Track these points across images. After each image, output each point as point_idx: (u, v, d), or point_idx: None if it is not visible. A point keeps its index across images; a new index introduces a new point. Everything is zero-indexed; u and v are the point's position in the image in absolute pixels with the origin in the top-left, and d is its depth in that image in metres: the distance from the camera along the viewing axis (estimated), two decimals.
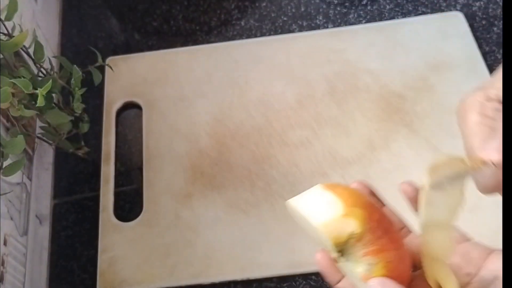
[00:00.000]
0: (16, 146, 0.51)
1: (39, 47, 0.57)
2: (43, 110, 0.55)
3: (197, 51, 0.74)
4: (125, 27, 0.79)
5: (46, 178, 0.66)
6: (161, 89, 0.71)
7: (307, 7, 0.78)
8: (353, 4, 0.78)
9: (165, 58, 0.74)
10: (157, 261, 0.60)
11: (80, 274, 0.62)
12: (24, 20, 0.64)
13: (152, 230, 0.62)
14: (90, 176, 0.67)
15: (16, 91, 0.50)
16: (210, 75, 0.72)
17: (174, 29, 0.78)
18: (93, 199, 0.65)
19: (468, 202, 0.64)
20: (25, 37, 0.52)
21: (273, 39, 0.75)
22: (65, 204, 0.66)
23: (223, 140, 0.67)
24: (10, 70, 0.54)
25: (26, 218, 0.59)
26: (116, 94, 0.71)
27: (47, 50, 0.64)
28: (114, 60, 0.73)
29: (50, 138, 0.61)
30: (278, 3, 0.79)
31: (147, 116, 0.70)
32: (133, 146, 0.69)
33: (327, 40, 0.74)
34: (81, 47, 0.76)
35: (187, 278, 0.59)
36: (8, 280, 0.52)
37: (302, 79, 0.71)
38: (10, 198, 0.55)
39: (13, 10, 0.53)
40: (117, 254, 0.61)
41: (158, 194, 0.64)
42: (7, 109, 0.51)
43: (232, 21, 0.78)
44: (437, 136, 0.66)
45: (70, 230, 0.64)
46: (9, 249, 0.54)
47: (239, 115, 0.69)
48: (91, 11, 0.80)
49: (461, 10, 0.75)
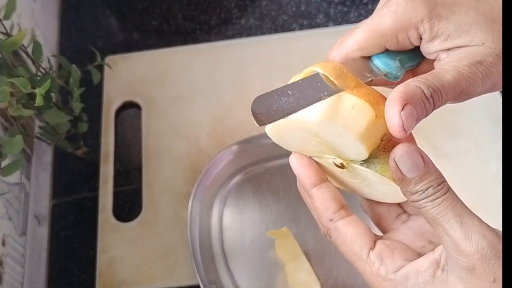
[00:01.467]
0: (15, 146, 0.50)
1: (37, 46, 0.57)
2: (42, 109, 0.55)
3: (197, 50, 0.74)
4: (124, 26, 0.78)
5: (45, 178, 0.66)
6: (160, 88, 0.71)
7: (308, 6, 0.78)
8: (354, 3, 0.77)
9: (165, 57, 0.74)
10: (157, 261, 0.60)
11: (79, 274, 0.61)
12: (23, 19, 0.64)
13: (151, 230, 0.62)
14: (89, 176, 0.67)
15: (14, 91, 0.50)
16: (210, 74, 0.72)
17: (174, 28, 0.77)
18: (92, 199, 0.65)
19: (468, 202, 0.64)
20: (23, 36, 0.51)
21: (273, 38, 0.74)
22: (64, 204, 0.65)
23: (223, 140, 0.66)
24: (8, 69, 0.53)
25: (25, 219, 0.59)
26: (115, 94, 0.71)
27: (45, 49, 0.64)
28: (113, 59, 0.73)
29: (49, 137, 0.61)
30: (279, 2, 0.78)
31: (146, 115, 0.69)
32: (132, 146, 0.68)
33: (327, 39, 0.74)
34: (80, 46, 0.76)
35: (187, 278, 0.59)
36: (6, 281, 0.52)
37: None
38: (9, 198, 0.55)
39: (12, 9, 0.53)
40: (116, 254, 0.60)
41: (158, 194, 0.64)
42: (6, 108, 0.51)
43: (232, 20, 0.77)
44: (437, 136, 0.65)
45: (69, 230, 0.64)
46: (7, 250, 0.53)
47: (239, 115, 0.68)
48: (90, 10, 0.80)
49: None
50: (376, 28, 0.31)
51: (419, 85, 0.29)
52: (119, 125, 0.70)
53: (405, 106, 0.28)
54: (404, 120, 0.28)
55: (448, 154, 0.64)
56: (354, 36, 0.32)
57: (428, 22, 0.30)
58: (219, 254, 0.59)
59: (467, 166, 0.64)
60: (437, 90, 0.29)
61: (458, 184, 0.63)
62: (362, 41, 0.31)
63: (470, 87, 0.30)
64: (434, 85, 0.29)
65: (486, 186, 0.62)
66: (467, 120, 0.66)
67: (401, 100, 0.28)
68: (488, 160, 0.64)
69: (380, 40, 0.31)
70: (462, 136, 0.65)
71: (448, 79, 0.29)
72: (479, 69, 0.30)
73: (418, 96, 0.28)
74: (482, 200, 0.62)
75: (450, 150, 0.65)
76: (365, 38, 0.31)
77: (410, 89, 0.28)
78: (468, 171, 0.63)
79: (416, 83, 0.29)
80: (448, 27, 0.30)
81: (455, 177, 0.63)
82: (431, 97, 0.29)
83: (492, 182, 0.62)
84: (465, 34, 0.30)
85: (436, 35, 0.30)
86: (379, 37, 0.31)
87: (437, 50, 0.31)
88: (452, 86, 0.29)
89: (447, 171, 0.66)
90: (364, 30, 0.31)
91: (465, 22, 0.30)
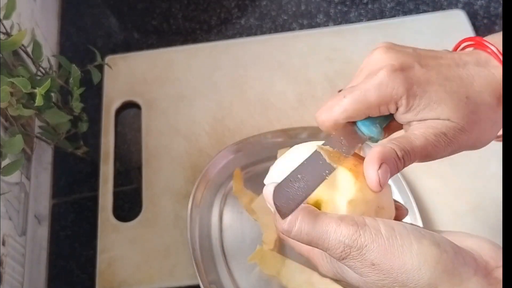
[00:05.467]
0: (15, 146, 0.50)
1: (37, 46, 0.57)
2: (42, 109, 0.55)
3: (197, 50, 0.74)
4: (124, 26, 0.78)
5: (45, 178, 0.66)
6: (160, 88, 0.71)
7: (308, 6, 0.78)
8: (354, 2, 0.77)
9: (165, 57, 0.74)
10: (157, 261, 0.60)
11: (79, 274, 0.61)
12: (23, 19, 0.64)
13: (151, 230, 0.62)
14: (89, 176, 0.66)
15: (14, 90, 0.50)
16: (210, 74, 0.72)
17: (174, 28, 0.77)
18: (92, 199, 0.65)
19: (468, 202, 0.64)
20: (23, 36, 0.51)
21: (273, 38, 0.74)
22: (64, 204, 0.65)
23: (223, 139, 0.66)
24: (8, 69, 0.53)
25: (25, 218, 0.59)
26: (115, 93, 0.71)
27: (45, 49, 0.64)
28: (113, 59, 0.73)
29: (49, 137, 0.61)
30: (279, 2, 0.78)
31: (146, 115, 0.69)
32: (132, 146, 0.68)
33: (327, 38, 0.74)
34: (80, 46, 0.76)
35: (187, 278, 0.59)
36: (6, 281, 0.52)
37: (303, 78, 0.71)
38: (9, 198, 0.55)
39: (12, 9, 0.53)
40: (116, 254, 0.60)
41: (158, 194, 0.64)
42: (6, 108, 0.51)
43: (232, 20, 0.77)
44: None
45: (69, 230, 0.64)
46: (7, 249, 0.53)
47: (239, 115, 0.68)
48: (90, 10, 0.80)
49: (463, 8, 0.75)
50: (362, 101, 0.36)
51: (394, 148, 0.35)
52: (119, 125, 0.70)
53: (381, 165, 0.34)
54: (381, 177, 0.34)
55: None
56: (343, 106, 0.37)
57: (406, 99, 0.36)
58: (219, 254, 0.59)
59: (467, 166, 0.64)
60: (407, 152, 0.35)
61: (458, 184, 0.63)
62: (350, 110, 0.37)
63: (433, 152, 0.36)
64: (405, 148, 0.35)
65: (486, 186, 0.62)
66: None
67: (378, 160, 0.34)
68: (488, 160, 0.64)
69: (365, 111, 0.37)
70: None
71: (418, 144, 0.35)
72: (443, 139, 0.36)
73: (392, 157, 0.34)
74: (482, 200, 0.62)
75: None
76: (352, 109, 0.37)
77: (386, 150, 0.34)
78: (468, 171, 0.63)
79: (391, 145, 0.35)
80: (420, 103, 0.36)
81: (455, 177, 0.63)
82: (403, 158, 0.35)
83: (492, 182, 0.62)
84: (434, 111, 0.36)
85: (411, 109, 0.36)
86: (365, 108, 0.37)
87: (410, 120, 0.37)
88: (419, 150, 0.36)
89: (447, 171, 0.67)
90: (352, 102, 0.37)
91: (434, 100, 0.36)
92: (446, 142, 0.36)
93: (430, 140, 0.36)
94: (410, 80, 0.36)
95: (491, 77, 0.37)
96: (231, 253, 0.60)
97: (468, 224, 0.61)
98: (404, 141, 0.35)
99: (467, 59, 0.38)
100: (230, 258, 0.59)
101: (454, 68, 0.37)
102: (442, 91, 0.36)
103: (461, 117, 0.36)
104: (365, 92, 0.36)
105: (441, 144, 0.36)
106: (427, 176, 0.63)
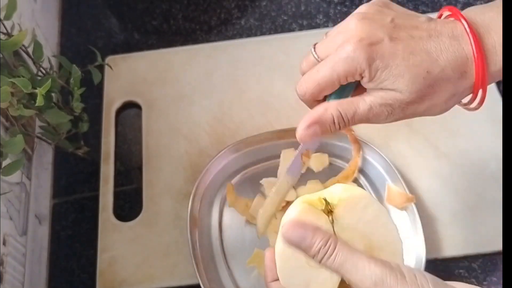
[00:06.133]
0: (15, 146, 0.50)
1: (38, 46, 0.57)
2: (43, 109, 0.55)
3: (197, 50, 0.74)
4: (124, 26, 0.78)
5: (45, 178, 0.66)
6: (160, 88, 0.71)
7: (307, 6, 0.78)
8: (354, 3, 0.77)
9: (165, 58, 0.74)
10: (157, 261, 0.60)
11: (79, 274, 0.61)
12: (24, 19, 0.64)
13: (151, 230, 0.62)
14: (89, 176, 0.67)
15: (15, 91, 0.50)
16: (210, 75, 0.72)
17: (174, 28, 0.77)
18: (93, 199, 0.65)
19: (468, 202, 0.64)
20: (24, 36, 0.51)
21: (273, 38, 0.75)
22: (65, 204, 0.66)
23: (223, 139, 0.66)
24: (9, 70, 0.54)
25: (26, 218, 0.59)
26: (115, 94, 0.71)
27: (46, 49, 0.64)
28: (114, 60, 0.73)
29: (50, 137, 0.61)
30: (278, 2, 0.78)
31: (146, 115, 0.69)
32: (132, 146, 0.68)
33: None
34: (81, 46, 0.76)
35: (187, 277, 0.59)
36: (7, 280, 0.52)
37: None
38: (10, 198, 0.55)
39: (12, 9, 0.53)
40: (117, 254, 0.61)
41: (158, 193, 0.64)
42: (7, 108, 0.51)
43: (232, 20, 0.78)
44: (437, 136, 0.65)
45: (70, 230, 0.64)
46: (8, 249, 0.53)
47: (239, 115, 0.69)
48: (91, 10, 0.80)
49: (462, 9, 0.75)
50: (332, 74, 0.41)
51: (333, 114, 0.41)
52: (120, 125, 0.70)
53: (313, 125, 0.42)
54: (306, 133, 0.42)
55: (448, 154, 0.64)
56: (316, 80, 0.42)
57: (368, 72, 0.40)
58: (219, 254, 0.59)
59: (467, 166, 0.64)
60: (345, 119, 0.41)
61: (458, 184, 0.63)
62: (322, 84, 0.42)
63: (374, 119, 0.42)
64: (346, 116, 0.41)
65: (486, 186, 0.62)
66: (467, 120, 0.66)
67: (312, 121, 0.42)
68: (488, 160, 0.64)
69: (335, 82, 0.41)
70: (462, 136, 0.65)
71: (360, 111, 0.41)
72: (387, 109, 0.41)
73: (328, 122, 0.42)
74: (482, 200, 0.62)
75: (450, 150, 0.65)
76: (324, 82, 0.41)
77: (324, 116, 0.41)
78: (468, 171, 0.63)
79: (333, 111, 0.41)
80: (381, 76, 0.40)
81: (455, 177, 0.63)
82: (338, 123, 0.42)
83: (492, 182, 0.62)
84: (391, 83, 0.40)
85: (372, 80, 0.40)
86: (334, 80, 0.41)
87: (371, 88, 0.41)
88: (360, 116, 0.41)
89: (447, 171, 0.67)
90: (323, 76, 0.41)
91: (394, 74, 0.39)
92: (389, 112, 0.41)
93: (374, 109, 0.41)
94: (374, 55, 0.39)
95: (460, 52, 0.39)
96: (231, 253, 0.60)
97: (468, 224, 0.61)
98: (348, 107, 0.41)
99: (442, 30, 0.40)
100: (230, 258, 0.59)
101: (425, 40, 0.40)
102: (403, 65, 0.39)
103: (415, 91, 0.39)
104: (333, 65, 0.40)
105: (384, 114, 0.41)
106: (427, 176, 0.63)
